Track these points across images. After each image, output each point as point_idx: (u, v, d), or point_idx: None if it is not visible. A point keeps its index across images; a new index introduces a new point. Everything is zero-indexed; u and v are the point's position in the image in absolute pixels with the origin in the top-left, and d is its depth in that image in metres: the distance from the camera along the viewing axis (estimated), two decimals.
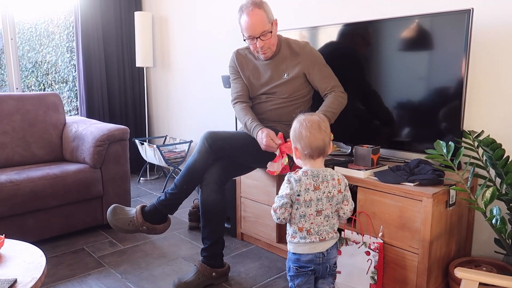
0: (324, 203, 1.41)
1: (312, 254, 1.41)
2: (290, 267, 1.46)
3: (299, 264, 1.43)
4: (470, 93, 1.95)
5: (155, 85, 4.13)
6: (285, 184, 1.41)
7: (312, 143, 1.39)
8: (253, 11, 1.92)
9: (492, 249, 1.91)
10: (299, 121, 1.44)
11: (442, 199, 1.68)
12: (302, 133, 1.40)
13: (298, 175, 1.40)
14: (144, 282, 2.01)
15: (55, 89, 4.23)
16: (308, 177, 1.40)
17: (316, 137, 1.39)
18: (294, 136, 1.44)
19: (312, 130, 1.39)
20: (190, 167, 1.94)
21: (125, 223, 1.93)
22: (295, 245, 1.43)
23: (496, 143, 1.61)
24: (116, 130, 2.59)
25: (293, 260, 1.44)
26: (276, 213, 1.41)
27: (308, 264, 1.42)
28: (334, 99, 2.00)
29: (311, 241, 1.41)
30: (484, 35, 1.90)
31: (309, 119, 1.42)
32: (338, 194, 1.43)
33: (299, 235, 1.42)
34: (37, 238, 2.35)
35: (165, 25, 3.86)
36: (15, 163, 2.63)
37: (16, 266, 1.33)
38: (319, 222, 1.41)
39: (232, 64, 2.19)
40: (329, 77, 2.07)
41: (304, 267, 1.42)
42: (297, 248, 1.43)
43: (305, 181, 1.39)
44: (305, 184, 1.39)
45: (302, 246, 1.42)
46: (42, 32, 4.10)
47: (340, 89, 2.06)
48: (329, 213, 1.43)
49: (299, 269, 1.43)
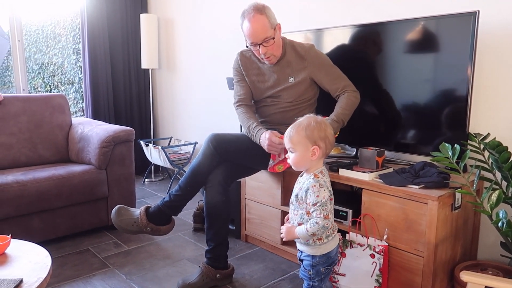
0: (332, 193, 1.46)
1: (336, 246, 1.47)
2: (319, 271, 1.45)
3: (329, 262, 1.46)
4: (476, 95, 1.94)
5: (160, 87, 4.15)
6: (320, 189, 1.37)
7: (332, 141, 1.44)
8: (255, 17, 1.89)
9: (498, 253, 1.90)
10: (317, 122, 1.41)
11: (448, 202, 1.67)
12: (327, 132, 1.41)
13: (322, 178, 1.41)
14: (149, 283, 2.01)
15: (61, 91, 4.26)
16: (326, 176, 1.44)
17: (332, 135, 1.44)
18: (319, 136, 1.39)
19: (328, 129, 1.42)
20: (195, 169, 1.94)
21: (129, 224, 1.94)
22: (325, 245, 1.44)
23: (502, 146, 1.60)
24: (122, 132, 2.60)
25: (322, 262, 1.45)
26: (329, 220, 1.37)
27: (335, 257, 1.48)
28: (347, 99, 1.99)
29: (334, 234, 1.46)
30: (490, 37, 1.89)
31: (319, 119, 1.44)
32: None
33: (325, 234, 1.43)
34: (43, 239, 2.36)
35: (171, 27, 3.88)
36: (21, 164, 2.65)
37: (22, 266, 1.34)
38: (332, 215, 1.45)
39: (236, 66, 2.18)
40: (339, 78, 2.05)
41: (333, 262, 1.48)
42: (327, 246, 1.44)
43: (327, 180, 1.43)
44: (328, 182, 1.43)
45: (330, 242, 1.45)
46: (49, 34, 4.14)
47: (352, 87, 2.04)
48: None
49: (328, 268, 1.47)
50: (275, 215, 2.25)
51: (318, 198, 1.36)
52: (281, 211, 2.21)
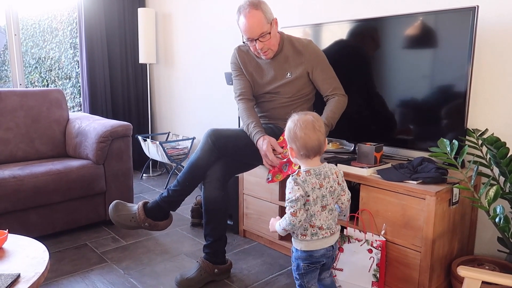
0: (328, 199, 1.43)
1: (324, 248, 1.44)
2: (299, 265, 1.46)
3: (311, 261, 1.44)
4: (475, 91, 1.94)
5: (158, 82, 4.13)
6: (294, 187, 1.38)
7: (307, 143, 1.38)
8: (250, 12, 1.88)
9: (495, 248, 1.91)
10: (293, 121, 1.42)
11: (445, 198, 1.67)
12: (297, 134, 1.39)
13: (303, 176, 1.39)
14: (147, 278, 2.01)
15: (58, 85, 4.24)
16: (312, 176, 1.40)
17: (311, 138, 1.38)
18: (289, 137, 1.42)
19: (306, 131, 1.38)
20: (193, 164, 1.94)
21: (127, 219, 1.94)
22: (307, 242, 1.43)
23: (500, 142, 1.60)
24: (119, 127, 2.59)
25: (303, 258, 1.45)
26: (297, 217, 1.36)
27: (320, 259, 1.45)
28: (337, 103, 2.00)
29: (324, 236, 1.43)
30: (489, 33, 1.88)
31: (303, 119, 1.40)
32: (338, 186, 1.46)
33: (310, 232, 1.42)
34: (40, 234, 2.36)
35: (169, 22, 3.86)
36: (18, 159, 2.64)
37: (19, 261, 1.34)
38: (325, 217, 1.43)
39: (234, 60, 2.17)
40: (332, 78, 2.06)
41: (316, 262, 1.45)
42: (310, 245, 1.43)
43: (310, 180, 1.39)
44: (311, 183, 1.39)
45: (315, 242, 1.43)
46: (46, 28, 4.11)
47: (341, 91, 2.06)
48: (332, 206, 1.46)
49: (310, 266, 1.45)
50: (273, 210, 2.26)
51: (290, 194, 1.38)
52: (279, 206, 2.21)
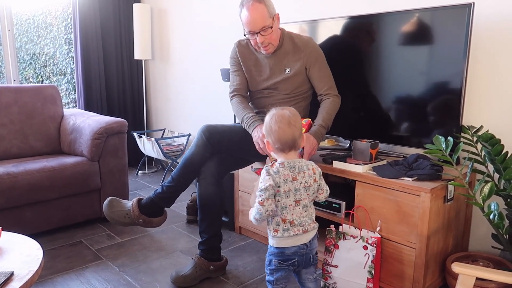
0: (302, 193, 1.43)
1: (296, 246, 1.43)
2: (271, 261, 1.46)
3: (282, 258, 1.44)
4: (470, 88, 1.95)
5: (153, 78, 4.11)
6: (266, 177, 1.40)
7: (281, 137, 1.41)
8: (254, 5, 1.89)
9: (489, 244, 1.92)
10: (270, 115, 1.45)
11: (440, 194, 1.68)
12: (272, 128, 1.42)
13: (276, 167, 1.42)
14: (142, 275, 2.01)
15: (53, 81, 4.21)
16: (285, 168, 1.41)
17: (285, 132, 1.40)
18: (265, 130, 1.46)
19: (281, 125, 1.40)
20: (188, 160, 1.93)
21: (121, 216, 1.93)
22: (278, 239, 1.43)
23: (495, 139, 1.60)
24: (114, 123, 2.58)
25: (275, 254, 1.45)
26: (264, 206, 1.38)
27: (292, 256, 1.43)
28: (332, 105, 2.00)
29: (295, 234, 1.42)
30: (484, 30, 1.88)
31: (279, 114, 1.43)
32: (314, 183, 1.45)
33: (282, 227, 1.42)
34: (35, 231, 2.35)
35: (164, 17, 3.83)
36: (12, 156, 2.63)
37: (13, 258, 1.33)
38: (298, 213, 1.42)
39: (233, 55, 2.16)
40: (328, 77, 2.06)
41: (287, 260, 1.44)
42: (281, 242, 1.43)
43: (283, 172, 1.41)
44: (284, 175, 1.40)
45: (286, 239, 1.43)
46: (40, 23, 4.07)
47: (335, 92, 2.06)
48: (307, 203, 1.45)
49: (281, 263, 1.44)
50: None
51: (260, 184, 1.41)
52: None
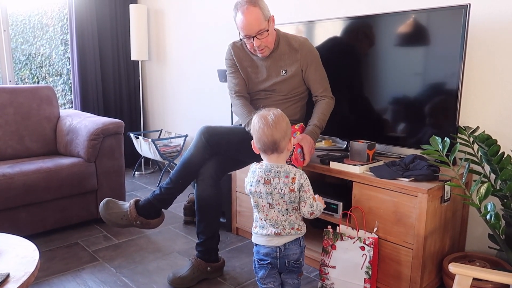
0: (276, 198, 1.40)
1: (269, 247, 1.43)
2: (254, 259, 1.49)
3: (258, 256, 1.46)
4: (466, 89, 1.95)
5: (150, 79, 4.10)
6: (249, 174, 1.46)
7: (260, 138, 1.41)
8: (248, 9, 1.87)
9: (486, 245, 1.93)
10: (256, 116, 1.46)
11: (437, 195, 1.68)
12: (254, 128, 1.43)
13: (257, 166, 1.44)
14: (139, 276, 2.00)
15: (49, 82, 4.19)
16: (261, 170, 1.43)
17: (264, 132, 1.40)
18: (251, 130, 1.47)
19: (262, 126, 1.40)
20: (186, 161, 1.93)
21: (118, 218, 1.92)
22: (254, 235, 1.47)
23: (492, 139, 1.61)
24: (111, 124, 2.57)
25: (255, 252, 1.48)
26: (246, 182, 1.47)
27: (265, 257, 1.44)
28: (327, 106, 2.02)
29: (267, 234, 1.42)
30: (480, 31, 1.89)
31: (261, 115, 1.43)
32: (290, 192, 1.38)
33: (259, 224, 1.45)
34: (31, 232, 2.33)
35: (161, 18, 3.83)
36: (8, 157, 2.61)
37: (9, 260, 1.32)
38: (274, 216, 1.42)
39: (229, 57, 2.15)
40: (323, 79, 2.07)
41: (262, 259, 1.45)
42: (256, 238, 1.46)
43: (258, 173, 1.42)
44: (257, 176, 1.42)
45: (259, 237, 1.45)
46: (36, 24, 4.05)
47: (330, 93, 2.08)
48: (282, 209, 1.40)
49: (259, 262, 1.46)
50: None
51: None
52: None
